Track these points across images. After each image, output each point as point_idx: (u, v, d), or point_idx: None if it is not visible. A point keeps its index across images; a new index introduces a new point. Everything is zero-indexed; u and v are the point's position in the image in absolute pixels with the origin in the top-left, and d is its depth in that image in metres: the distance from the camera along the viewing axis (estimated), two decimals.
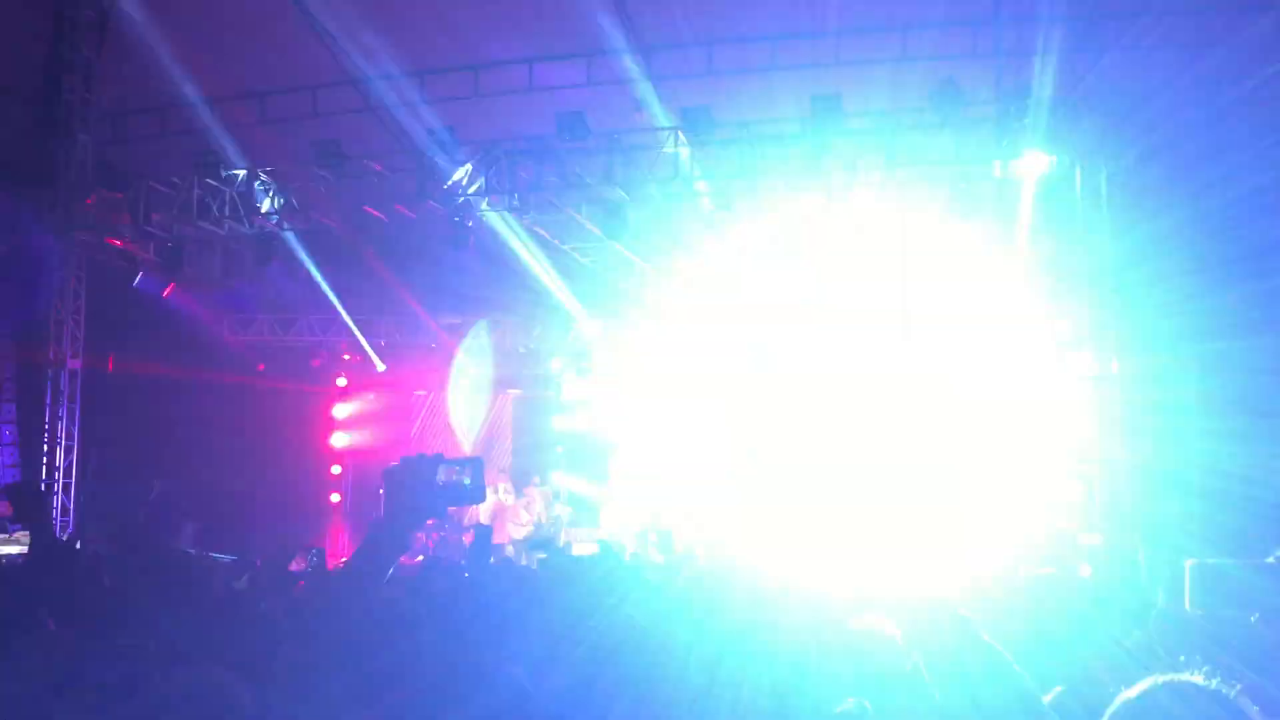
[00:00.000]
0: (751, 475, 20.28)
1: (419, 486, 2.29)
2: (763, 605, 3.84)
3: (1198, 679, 2.25)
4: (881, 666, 2.83)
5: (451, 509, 18.79)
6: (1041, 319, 15.06)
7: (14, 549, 12.26)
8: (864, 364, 16.49)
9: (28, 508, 4.14)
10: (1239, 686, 2.24)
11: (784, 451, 17.40)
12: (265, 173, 15.41)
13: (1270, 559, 6.95)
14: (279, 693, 2.26)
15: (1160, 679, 2.26)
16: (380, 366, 21.25)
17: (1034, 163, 13.34)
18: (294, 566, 6.14)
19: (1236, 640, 4.15)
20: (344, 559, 15.31)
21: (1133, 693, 2.26)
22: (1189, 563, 6.72)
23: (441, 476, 2.31)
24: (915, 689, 2.59)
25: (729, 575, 5.41)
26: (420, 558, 14.56)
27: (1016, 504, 14.41)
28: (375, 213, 15.35)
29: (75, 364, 16.44)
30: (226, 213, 15.66)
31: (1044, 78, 12.96)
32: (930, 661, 2.54)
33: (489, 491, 18.80)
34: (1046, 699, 2.61)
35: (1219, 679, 2.25)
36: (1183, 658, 2.67)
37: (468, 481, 2.35)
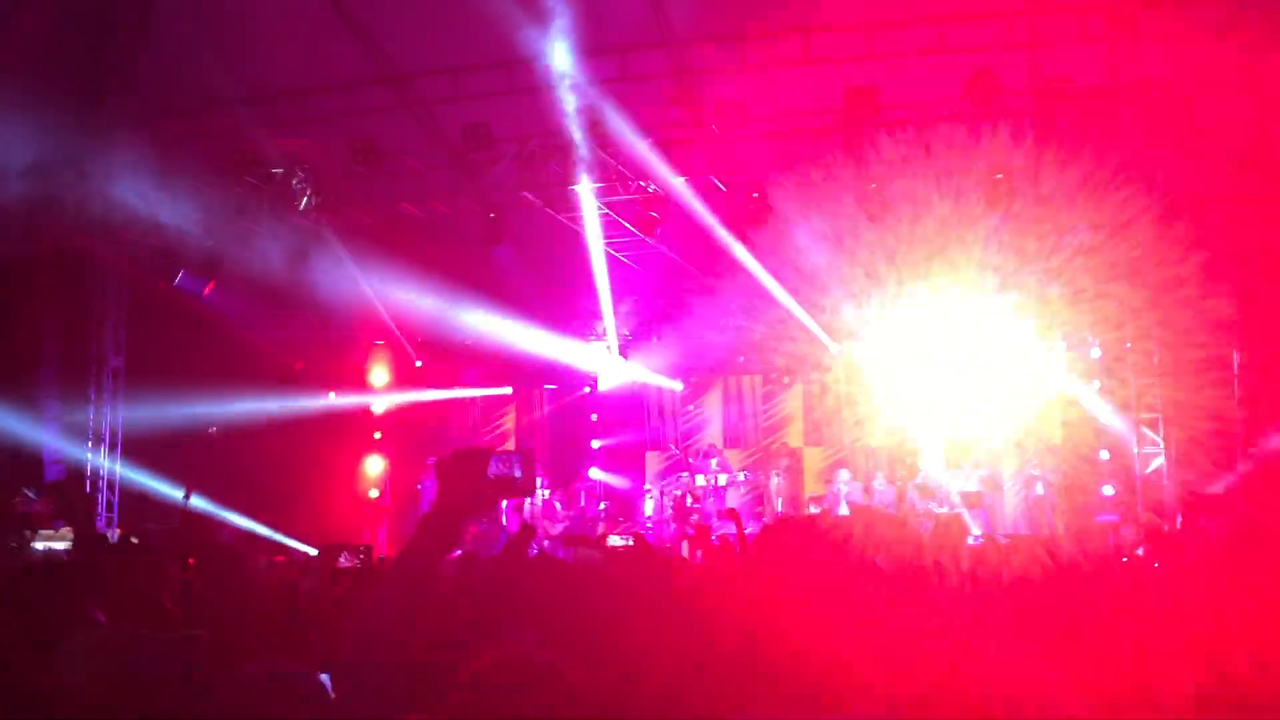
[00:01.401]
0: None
1: (470, 479, 2.33)
2: None
3: None
4: None
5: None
6: None
7: (60, 544, 12.42)
8: None
9: (70, 504, 4.19)
10: None
11: None
12: (302, 170, 15.53)
13: None
14: (344, 684, 2.29)
15: None
16: (417, 362, 21.38)
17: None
18: (342, 563, 6.21)
19: None
20: (384, 555, 15.44)
21: None
22: None
23: (492, 469, 2.35)
24: None
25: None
26: (458, 553, 14.63)
27: None
28: (411, 209, 15.44)
29: (117, 362, 16.65)
30: (265, 211, 15.80)
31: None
32: None
33: None
34: None
35: None
36: None
37: (518, 474, 2.39)
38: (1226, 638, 2.99)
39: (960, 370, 18.63)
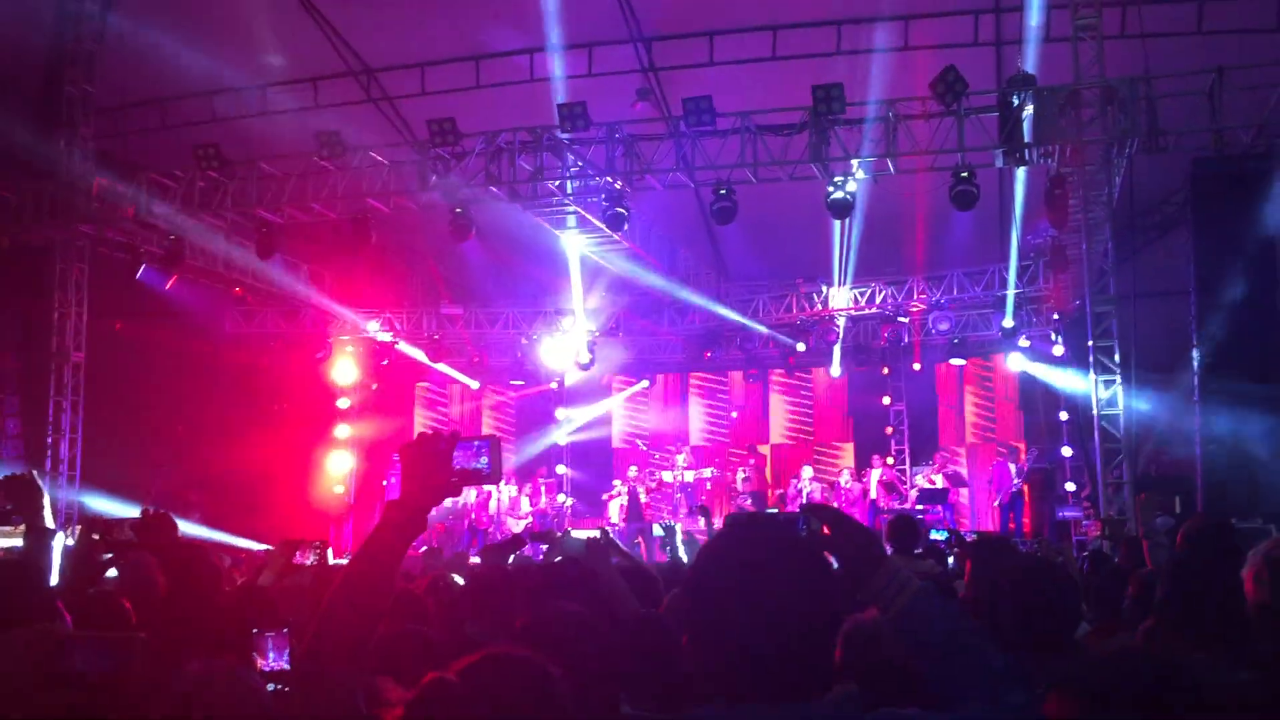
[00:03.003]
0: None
1: (435, 466, 2.30)
2: None
3: None
4: None
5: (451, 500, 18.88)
6: None
7: (12, 541, 12.26)
8: None
9: (21, 499, 4.11)
10: None
11: None
12: (267, 164, 15.39)
13: None
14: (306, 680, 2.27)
15: None
16: (383, 361, 21.25)
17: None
18: (298, 560, 6.13)
19: None
20: (350, 551, 15.35)
21: None
22: None
23: (458, 457, 2.32)
24: None
25: None
26: (423, 549, 14.54)
27: None
28: (377, 204, 15.32)
29: (78, 356, 16.45)
30: (228, 204, 15.64)
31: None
32: None
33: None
34: None
35: None
36: None
37: (485, 461, 2.36)
38: None
39: None
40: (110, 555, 4.08)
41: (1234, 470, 12.25)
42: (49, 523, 4.08)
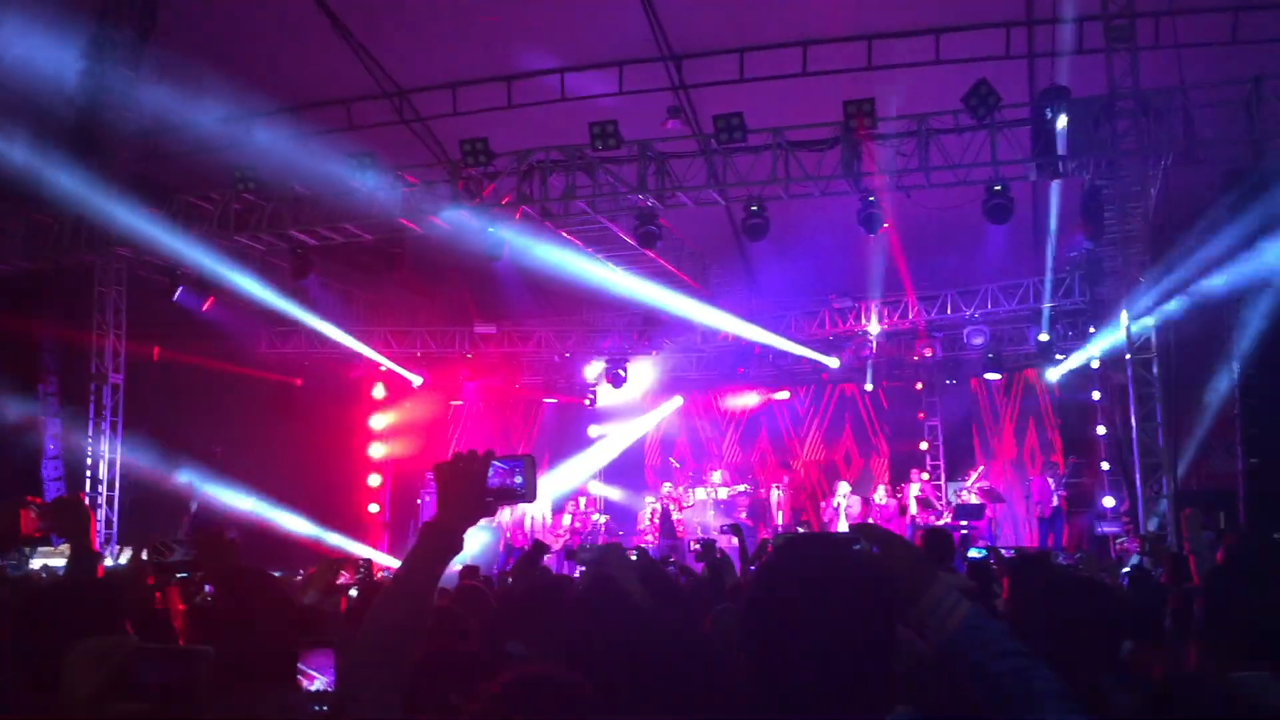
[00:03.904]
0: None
1: (470, 485, 2.29)
2: None
3: None
4: None
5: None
6: None
7: (58, 561, 12.38)
8: None
9: (68, 522, 4.13)
10: None
11: None
12: (302, 186, 15.53)
13: None
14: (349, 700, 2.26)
15: None
16: (416, 381, 21.34)
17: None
18: (341, 580, 6.15)
19: None
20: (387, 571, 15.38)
21: None
22: None
23: (493, 476, 2.32)
24: None
25: None
26: (459, 566, 14.56)
27: None
28: (410, 224, 15.42)
29: (117, 378, 16.64)
30: (264, 226, 15.80)
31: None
32: None
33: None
34: None
35: None
36: None
37: (520, 480, 2.35)
38: None
39: None
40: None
41: (1277, 484, 12.08)
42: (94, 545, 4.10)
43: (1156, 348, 13.00)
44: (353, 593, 5.73)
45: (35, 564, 11.76)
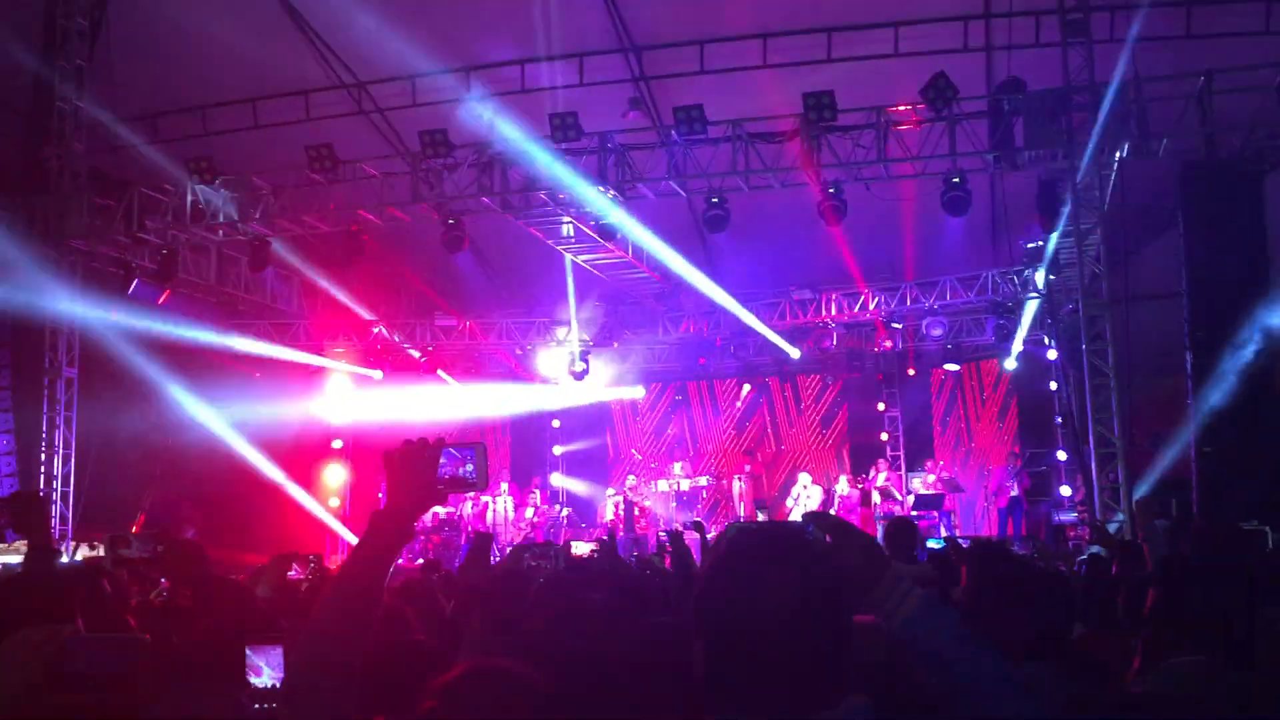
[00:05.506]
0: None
1: (420, 473, 2.27)
2: None
3: None
4: None
5: (450, 508, 18.82)
6: None
7: (13, 558, 12.21)
8: None
9: (26, 517, 4.08)
10: None
11: None
12: (258, 177, 15.38)
13: None
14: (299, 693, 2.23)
15: None
16: (376, 375, 21.17)
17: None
18: (293, 574, 6.10)
19: None
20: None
21: None
22: None
23: (444, 464, 2.30)
24: None
25: None
26: (420, 561, 14.53)
27: None
28: (369, 216, 15.32)
29: (71, 372, 16.40)
30: (220, 218, 15.65)
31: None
32: None
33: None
34: None
35: None
36: None
37: (470, 468, 2.33)
38: None
39: None
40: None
41: (1229, 472, 12.25)
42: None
43: (1111, 338, 13.15)
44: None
45: None
